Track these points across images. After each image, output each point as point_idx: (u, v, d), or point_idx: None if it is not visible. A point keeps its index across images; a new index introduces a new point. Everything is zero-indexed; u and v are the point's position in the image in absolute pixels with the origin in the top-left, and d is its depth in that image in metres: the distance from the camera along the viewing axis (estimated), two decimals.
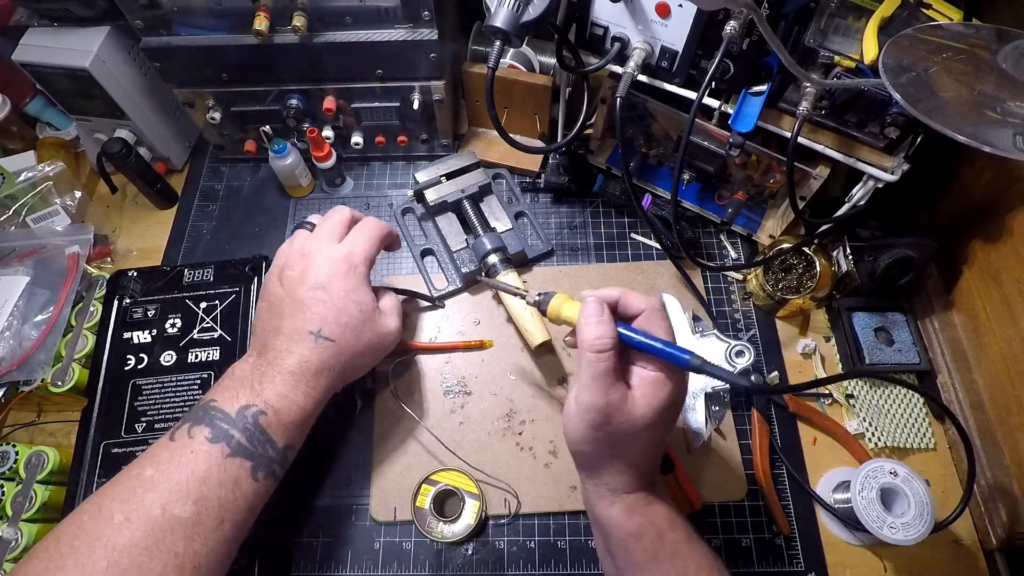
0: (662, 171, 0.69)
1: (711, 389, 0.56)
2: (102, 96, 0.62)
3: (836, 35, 0.47)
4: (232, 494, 0.40)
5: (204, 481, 0.39)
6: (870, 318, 0.61)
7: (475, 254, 0.61)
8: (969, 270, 0.58)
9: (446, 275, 0.63)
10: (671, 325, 0.42)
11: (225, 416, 0.42)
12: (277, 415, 0.43)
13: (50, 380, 0.55)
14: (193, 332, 0.56)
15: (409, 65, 0.61)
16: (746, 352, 0.55)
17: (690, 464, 0.55)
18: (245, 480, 0.41)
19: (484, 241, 0.61)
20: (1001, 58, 0.40)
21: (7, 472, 0.53)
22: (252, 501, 0.41)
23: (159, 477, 0.39)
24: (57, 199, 0.68)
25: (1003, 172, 0.54)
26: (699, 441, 0.55)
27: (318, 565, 0.52)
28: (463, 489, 0.52)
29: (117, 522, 0.37)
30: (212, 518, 0.39)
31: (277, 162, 0.66)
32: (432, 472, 0.53)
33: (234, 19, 0.57)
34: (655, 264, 0.65)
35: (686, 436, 0.56)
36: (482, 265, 0.60)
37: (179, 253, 0.69)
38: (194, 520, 0.38)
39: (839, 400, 0.58)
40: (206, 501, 0.39)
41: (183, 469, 0.39)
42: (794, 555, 0.52)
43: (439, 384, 0.59)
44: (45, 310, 0.59)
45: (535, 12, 0.47)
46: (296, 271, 0.48)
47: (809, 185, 0.56)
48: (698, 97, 0.48)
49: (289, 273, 0.48)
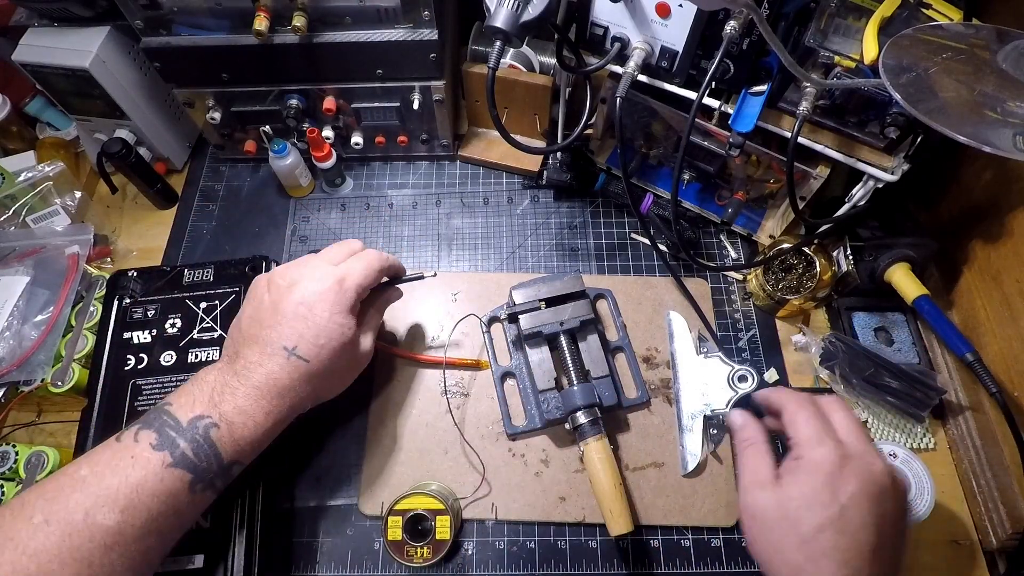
0: (662, 171, 0.69)
1: (710, 412, 0.55)
2: (102, 96, 0.62)
3: (836, 35, 0.47)
4: (164, 506, 0.38)
5: (136, 489, 0.37)
6: (870, 318, 0.61)
7: (563, 403, 0.53)
8: (969, 270, 0.58)
9: (526, 409, 0.57)
10: None
11: (176, 424, 0.40)
12: (230, 429, 0.41)
13: (50, 380, 0.55)
14: (193, 332, 0.56)
15: (409, 65, 0.61)
16: (749, 377, 0.54)
17: (683, 487, 0.54)
18: (182, 493, 0.39)
19: (576, 394, 0.52)
20: (1001, 58, 0.40)
21: (7, 472, 0.53)
22: (184, 515, 0.40)
23: (91, 479, 0.37)
24: (57, 199, 0.68)
25: (1003, 172, 0.54)
26: (693, 464, 0.54)
27: (318, 565, 0.52)
28: (430, 509, 0.51)
29: (36, 523, 0.35)
30: (137, 529, 0.37)
31: (277, 162, 0.66)
32: (395, 502, 0.51)
33: (234, 19, 0.57)
34: (665, 280, 0.64)
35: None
36: (569, 420, 0.53)
37: (179, 253, 0.69)
38: (117, 529, 0.36)
39: (841, 395, 0.58)
40: (134, 510, 0.37)
41: (117, 474, 0.37)
42: None
43: (436, 383, 0.59)
44: (45, 310, 0.59)
45: (535, 12, 0.47)
46: (286, 281, 0.46)
47: (809, 185, 0.56)
48: (698, 97, 0.48)
49: (279, 282, 0.46)
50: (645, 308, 0.62)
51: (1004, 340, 0.53)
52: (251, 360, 0.43)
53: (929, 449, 0.56)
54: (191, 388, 0.43)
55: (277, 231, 0.70)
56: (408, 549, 0.50)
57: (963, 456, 0.55)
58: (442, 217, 0.70)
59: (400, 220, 0.70)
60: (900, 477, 0.38)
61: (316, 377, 0.45)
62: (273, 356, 0.43)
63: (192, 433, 0.40)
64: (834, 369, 0.56)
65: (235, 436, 0.41)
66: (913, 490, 0.48)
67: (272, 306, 0.45)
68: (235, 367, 0.43)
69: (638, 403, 0.57)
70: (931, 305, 0.55)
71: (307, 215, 0.71)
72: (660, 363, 0.59)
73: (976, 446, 0.54)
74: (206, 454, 0.40)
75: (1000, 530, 0.51)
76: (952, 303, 0.60)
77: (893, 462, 0.49)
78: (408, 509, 0.51)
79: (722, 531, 0.53)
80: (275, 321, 0.44)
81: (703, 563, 0.52)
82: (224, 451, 0.41)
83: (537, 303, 0.57)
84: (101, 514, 0.36)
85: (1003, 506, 0.51)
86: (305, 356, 0.44)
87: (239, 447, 0.41)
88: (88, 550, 0.35)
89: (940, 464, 0.56)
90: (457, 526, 0.52)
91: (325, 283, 0.46)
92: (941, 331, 0.54)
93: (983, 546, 0.53)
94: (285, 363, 0.43)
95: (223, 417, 0.41)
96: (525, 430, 0.56)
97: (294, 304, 0.45)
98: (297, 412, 0.46)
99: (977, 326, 0.56)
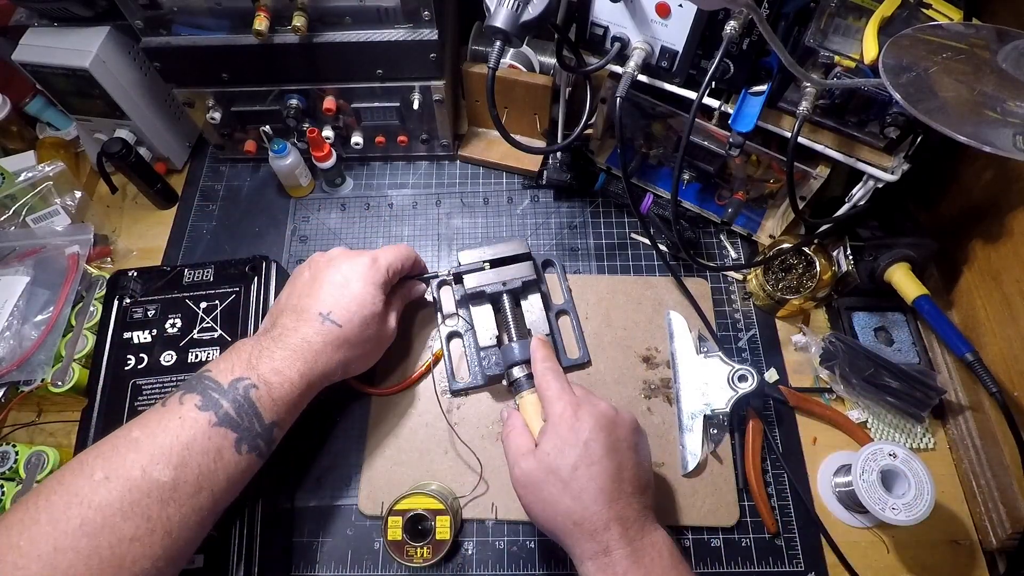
0: (662, 171, 0.69)
1: (710, 412, 0.55)
2: (102, 96, 0.62)
3: (836, 35, 0.47)
4: (213, 463, 0.40)
5: (187, 447, 0.39)
6: (870, 318, 0.61)
7: (503, 359, 0.55)
8: (969, 270, 0.58)
9: (469, 367, 0.59)
10: None
11: (217, 386, 0.42)
12: (268, 390, 0.43)
13: (50, 380, 0.55)
14: (193, 332, 0.56)
15: (409, 65, 0.61)
16: (749, 377, 0.54)
17: (683, 487, 0.54)
18: (228, 451, 0.41)
19: (514, 350, 0.54)
20: (1001, 58, 0.40)
21: (7, 472, 0.53)
22: (232, 474, 0.41)
23: (144, 439, 0.39)
24: (57, 199, 0.68)
25: (1003, 172, 0.54)
26: (693, 463, 0.54)
27: (318, 565, 0.52)
28: (430, 509, 0.51)
29: (96, 479, 0.37)
30: (190, 485, 0.39)
31: (277, 162, 0.66)
32: (395, 502, 0.52)
33: (234, 19, 0.57)
34: (665, 280, 0.64)
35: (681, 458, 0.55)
36: (506, 374, 0.55)
37: (179, 253, 0.69)
38: (172, 485, 0.38)
39: (841, 395, 0.58)
40: (186, 467, 0.39)
41: (168, 434, 0.40)
42: (794, 555, 0.52)
43: (437, 383, 0.59)
44: (45, 310, 0.59)
45: (535, 12, 0.47)
46: (325, 259, 0.52)
47: (809, 185, 0.56)
48: (698, 97, 0.48)
49: (319, 260, 0.52)
50: (645, 308, 0.62)
51: (1004, 340, 0.53)
52: (288, 326, 0.47)
53: (929, 449, 0.56)
54: (229, 355, 0.45)
55: (277, 231, 0.70)
56: (408, 549, 0.50)
57: (963, 456, 0.55)
58: (442, 217, 0.70)
59: (400, 220, 0.70)
60: (620, 411, 0.45)
61: (346, 344, 0.48)
62: (309, 321, 0.47)
63: (233, 394, 0.42)
64: (834, 369, 0.56)
65: (273, 396, 0.43)
66: (913, 490, 0.48)
67: (311, 279, 0.50)
68: (272, 334, 0.47)
69: (579, 363, 0.59)
70: (931, 305, 0.55)
71: (307, 215, 0.71)
72: (660, 363, 0.59)
73: (976, 446, 0.54)
74: (247, 413, 0.42)
75: (1000, 530, 0.51)
76: (952, 303, 0.60)
77: (893, 462, 0.49)
78: (408, 509, 0.51)
79: (722, 531, 0.53)
80: (312, 291, 0.49)
81: (703, 563, 0.52)
82: (264, 410, 0.43)
83: (482, 264, 0.59)
84: (156, 471, 0.38)
85: (1003, 506, 0.51)
86: (338, 321, 0.48)
87: (277, 407, 0.44)
88: (146, 504, 0.37)
89: (940, 464, 0.56)
90: (457, 526, 0.52)
91: (361, 259, 0.51)
92: (941, 331, 0.54)
93: (983, 546, 0.52)
94: (320, 327, 0.47)
95: (261, 378, 0.43)
96: (467, 386, 0.58)
97: (331, 275, 0.50)
98: (328, 380, 0.48)
99: (977, 326, 0.56)
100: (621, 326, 0.61)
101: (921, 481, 0.48)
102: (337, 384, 0.58)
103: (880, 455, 0.49)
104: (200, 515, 0.40)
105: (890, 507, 0.48)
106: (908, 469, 0.49)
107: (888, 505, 0.48)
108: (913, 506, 0.47)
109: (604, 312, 0.62)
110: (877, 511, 0.48)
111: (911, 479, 0.48)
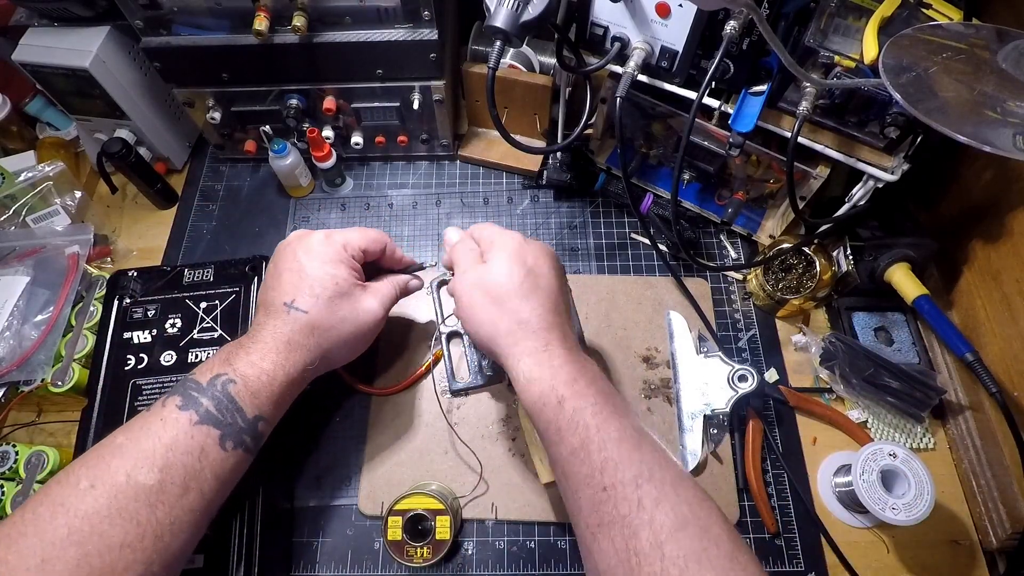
0: (662, 171, 0.69)
1: (710, 412, 0.55)
2: (102, 96, 0.62)
3: (836, 35, 0.47)
4: (199, 462, 0.40)
5: (170, 448, 0.39)
6: (870, 318, 0.61)
7: None
8: (969, 270, 0.58)
9: (469, 367, 0.57)
10: None
11: (197, 385, 0.42)
12: (246, 383, 0.43)
13: (50, 380, 0.55)
14: (193, 332, 0.56)
15: (409, 65, 0.61)
16: (749, 377, 0.54)
17: None
18: (212, 449, 0.41)
19: None
20: (1001, 58, 0.40)
21: (7, 472, 0.53)
22: (220, 472, 0.41)
23: (128, 444, 0.39)
24: (57, 199, 0.68)
25: (1003, 172, 0.54)
26: (693, 463, 0.54)
27: (318, 565, 0.52)
28: (430, 509, 0.51)
29: (82, 488, 0.37)
30: (177, 486, 0.39)
31: (277, 162, 0.66)
32: (395, 502, 0.52)
33: (234, 19, 0.57)
34: (665, 280, 0.64)
35: None
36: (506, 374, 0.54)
37: (179, 253, 0.69)
38: (158, 488, 0.38)
39: (841, 395, 0.58)
40: (171, 469, 0.39)
41: (151, 436, 0.40)
42: (794, 555, 0.52)
43: (438, 382, 0.59)
44: (45, 310, 0.59)
45: (535, 12, 0.47)
46: (283, 244, 0.51)
47: (809, 185, 0.56)
48: (698, 97, 0.48)
49: (281, 251, 0.50)
50: (645, 308, 0.62)
51: (1004, 340, 0.53)
52: (260, 322, 0.47)
53: (929, 449, 0.56)
54: (212, 357, 0.46)
55: (277, 231, 0.70)
56: (408, 549, 0.50)
57: (963, 456, 0.55)
58: (442, 217, 0.70)
59: (400, 220, 0.70)
60: None
61: (317, 328, 0.47)
62: (275, 314, 0.47)
63: (212, 391, 0.42)
64: (834, 369, 0.56)
65: (251, 389, 0.43)
66: (913, 490, 0.48)
67: (273, 270, 0.50)
68: (249, 332, 0.47)
69: None
70: (931, 305, 0.55)
71: (307, 215, 0.71)
72: (660, 363, 0.59)
73: (976, 446, 0.54)
74: (228, 409, 0.42)
75: (1000, 530, 0.51)
76: (952, 303, 0.60)
77: (893, 462, 0.49)
78: (408, 509, 0.51)
79: None
80: (275, 282, 0.48)
81: None
82: (245, 405, 0.43)
83: None
84: (141, 474, 0.38)
85: (1003, 506, 0.51)
86: (303, 307, 0.47)
87: (258, 401, 0.43)
88: (134, 509, 0.37)
89: (940, 464, 0.56)
90: (457, 526, 0.52)
91: (314, 238, 0.50)
92: (941, 331, 0.54)
93: (983, 546, 0.52)
94: (286, 318, 0.46)
95: (237, 372, 0.43)
96: (467, 387, 0.56)
97: (288, 262, 0.49)
98: (311, 370, 0.47)
99: (977, 326, 0.56)
100: (621, 326, 0.61)
101: (921, 481, 0.48)
102: (337, 384, 0.58)
103: (880, 455, 0.49)
104: (192, 515, 0.39)
105: (890, 507, 0.48)
106: (908, 469, 0.49)
107: (888, 505, 0.48)
108: (913, 506, 0.47)
109: (604, 312, 0.62)
110: (877, 511, 0.48)
111: (911, 479, 0.48)
